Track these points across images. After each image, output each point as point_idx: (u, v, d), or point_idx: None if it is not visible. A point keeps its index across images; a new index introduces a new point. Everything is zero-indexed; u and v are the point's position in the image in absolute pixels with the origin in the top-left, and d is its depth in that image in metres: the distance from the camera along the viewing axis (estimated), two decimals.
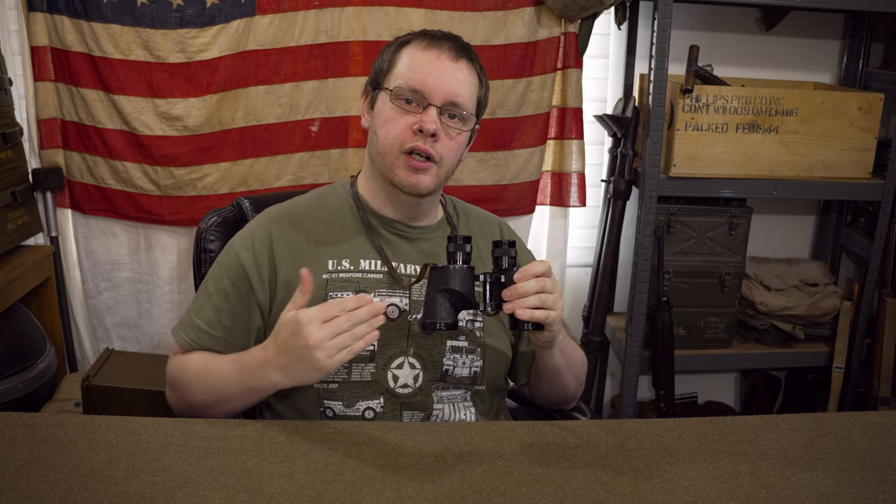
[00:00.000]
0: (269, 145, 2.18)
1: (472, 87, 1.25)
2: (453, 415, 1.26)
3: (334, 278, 1.24)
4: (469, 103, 1.24)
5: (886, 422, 1.18)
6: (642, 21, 2.31)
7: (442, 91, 1.21)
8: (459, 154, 1.27)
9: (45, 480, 0.94)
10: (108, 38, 2.04)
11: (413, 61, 1.23)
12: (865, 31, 2.38)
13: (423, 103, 1.21)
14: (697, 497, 0.96)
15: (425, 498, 0.94)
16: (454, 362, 1.26)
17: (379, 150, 1.24)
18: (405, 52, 1.25)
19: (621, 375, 2.30)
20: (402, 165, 1.22)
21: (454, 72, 1.22)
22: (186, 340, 1.25)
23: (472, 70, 1.26)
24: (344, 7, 2.11)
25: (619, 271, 2.43)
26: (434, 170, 1.23)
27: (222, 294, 1.25)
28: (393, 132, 1.22)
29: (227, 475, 0.97)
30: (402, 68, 1.23)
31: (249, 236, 1.28)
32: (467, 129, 1.26)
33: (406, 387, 1.24)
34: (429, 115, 1.20)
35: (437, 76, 1.21)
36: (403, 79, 1.22)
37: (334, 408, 1.22)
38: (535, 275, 1.09)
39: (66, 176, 2.18)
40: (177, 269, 2.26)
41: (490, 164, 2.26)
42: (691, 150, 2.11)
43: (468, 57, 1.25)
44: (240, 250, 1.26)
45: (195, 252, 1.44)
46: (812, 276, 2.40)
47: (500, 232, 1.42)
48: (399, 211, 1.30)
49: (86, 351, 2.31)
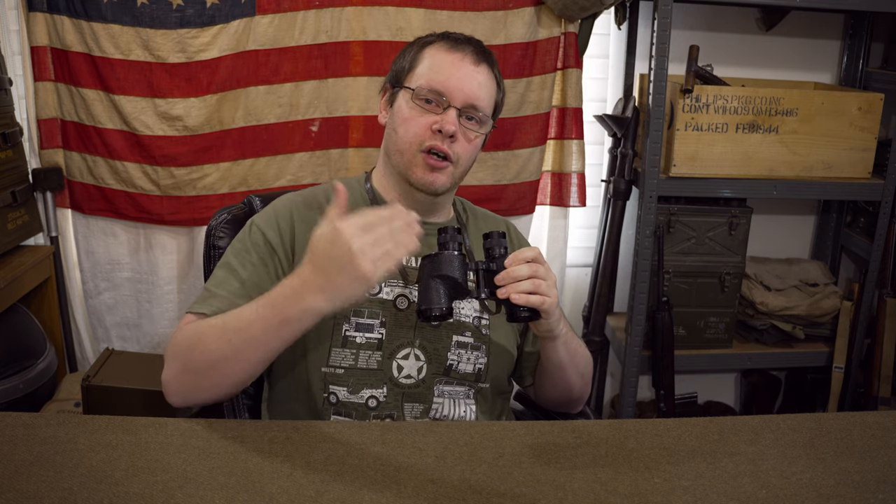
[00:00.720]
0: (269, 145, 2.18)
1: (491, 91, 1.28)
2: (453, 410, 1.27)
3: None
4: (487, 107, 1.27)
5: (886, 422, 1.18)
6: (642, 21, 2.31)
7: (463, 93, 1.23)
8: (474, 156, 1.30)
9: (45, 480, 0.94)
10: (108, 38, 2.04)
11: (436, 62, 1.25)
12: (865, 31, 2.38)
13: (443, 104, 1.23)
14: (697, 497, 0.96)
15: (425, 498, 0.94)
16: (458, 357, 1.27)
17: (398, 147, 1.26)
18: (428, 53, 1.27)
19: (621, 375, 2.30)
20: (420, 164, 1.24)
21: (475, 75, 1.25)
22: (210, 308, 1.16)
23: (492, 75, 1.29)
24: (344, 7, 2.11)
25: (619, 271, 2.43)
26: (450, 169, 1.25)
27: (249, 268, 1.22)
28: (413, 130, 1.24)
29: (227, 475, 0.97)
30: (424, 69, 1.26)
31: (272, 216, 1.28)
32: (484, 132, 1.29)
33: (409, 378, 1.25)
34: (449, 116, 1.22)
35: (459, 78, 1.24)
36: (425, 79, 1.24)
37: (338, 393, 1.23)
38: (526, 259, 1.12)
39: (66, 176, 2.18)
40: (177, 269, 2.26)
41: (490, 163, 2.26)
42: (691, 150, 2.11)
43: (489, 62, 1.28)
44: (265, 228, 1.25)
45: (205, 248, 1.44)
46: (812, 276, 2.40)
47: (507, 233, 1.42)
48: (412, 207, 1.29)
49: (86, 351, 2.31)
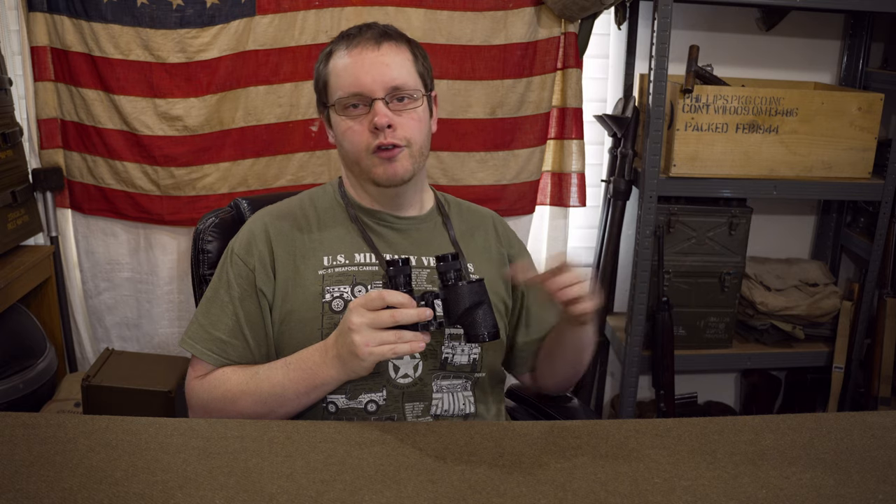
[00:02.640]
0: (269, 145, 2.18)
1: (405, 64, 1.26)
2: (453, 405, 1.27)
3: (330, 273, 1.25)
4: (409, 80, 1.25)
5: (886, 422, 1.18)
6: (642, 21, 2.31)
7: (378, 83, 1.22)
8: (426, 128, 1.29)
9: (45, 480, 0.94)
10: (108, 38, 2.04)
11: (341, 68, 1.25)
12: (865, 31, 2.38)
13: (367, 102, 1.23)
14: (697, 497, 0.96)
15: (425, 498, 0.94)
16: (453, 350, 1.27)
17: (351, 158, 1.27)
18: (332, 63, 1.27)
19: (621, 375, 2.30)
20: (377, 163, 1.24)
21: (381, 59, 1.23)
22: (213, 356, 1.24)
23: (400, 48, 1.26)
24: (344, 7, 2.11)
25: (619, 271, 2.43)
26: (406, 152, 1.24)
27: (237, 302, 1.25)
28: (355, 140, 1.24)
29: (227, 475, 0.97)
30: (335, 79, 1.25)
31: (248, 239, 1.28)
32: (419, 105, 1.27)
33: (407, 377, 1.25)
34: (377, 110, 1.22)
35: (367, 71, 1.22)
36: (340, 88, 1.24)
37: (337, 402, 1.23)
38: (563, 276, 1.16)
39: (66, 176, 2.18)
40: (177, 269, 2.26)
41: (490, 164, 2.26)
42: (691, 150, 2.11)
43: (389, 38, 1.26)
44: (244, 256, 1.27)
45: (193, 252, 1.44)
46: (812, 276, 2.40)
47: (493, 225, 1.43)
48: (384, 203, 1.32)
49: (86, 351, 2.31)
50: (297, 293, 1.24)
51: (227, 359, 1.25)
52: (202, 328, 1.26)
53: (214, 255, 1.42)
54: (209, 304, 1.27)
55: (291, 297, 1.24)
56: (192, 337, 1.26)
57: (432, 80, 1.33)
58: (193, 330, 1.26)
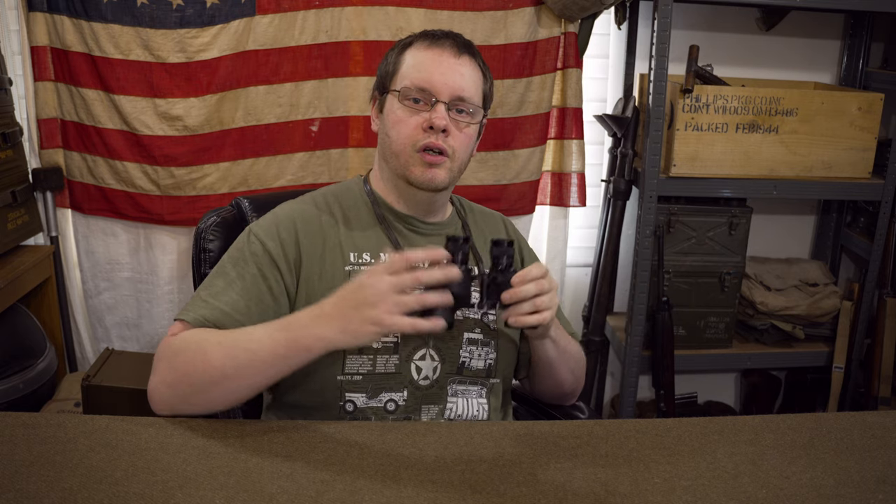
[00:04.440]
0: (269, 145, 2.18)
1: (476, 81, 1.28)
2: (466, 410, 1.27)
3: (356, 270, 1.25)
4: (475, 97, 1.28)
5: (886, 422, 1.18)
6: (642, 21, 2.31)
7: (448, 87, 1.24)
8: (470, 147, 1.30)
9: (45, 480, 0.94)
10: (108, 38, 2.04)
11: (417, 61, 1.26)
12: (865, 31, 2.38)
13: (430, 101, 1.24)
14: (697, 497, 0.96)
15: (425, 498, 0.94)
16: (470, 354, 1.28)
17: (393, 150, 1.26)
18: (409, 54, 1.28)
19: (621, 375, 2.30)
20: (418, 162, 1.24)
21: (458, 67, 1.25)
22: (204, 317, 1.15)
23: (476, 65, 1.29)
24: (344, 7, 2.11)
25: (619, 271, 2.43)
26: (447, 164, 1.25)
27: (249, 279, 1.20)
28: (405, 132, 1.24)
29: (227, 475, 0.97)
30: (407, 69, 1.26)
31: (272, 225, 1.26)
32: (476, 122, 1.29)
33: (426, 379, 1.25)
34: (438, 112, 1.23)
35: (442, 73, 1.24)
36: (410, 79, 1.25)
37: (356, 400, 1.22)
38: (534, 278, 1.13)
39: (66, 176, 2.18)
40: (177, 269, 2.26)
41: (490, 163, 2.26)
42: (691, 150, 2.11)
43: (470, 52, 1.29)
44: (265, 238, 1.24)
45: (194, 252, 1.44)
46: (812, 276, 2.40)
47: (504, 228, 1.44)
48: (413, 207, 1.32)
49: (86, 351, 2.31)
50: (322, 286, 1.21)
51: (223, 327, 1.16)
52: (199, 299, 1.19)
53: (216, 255, 1.41)
54: (213, 278, 1.21)
55: (317, 289, 1.21)
56: (188, 308, 1.18)
57: (489, 107, 1.35)
58: (190, 303, 1.19)
